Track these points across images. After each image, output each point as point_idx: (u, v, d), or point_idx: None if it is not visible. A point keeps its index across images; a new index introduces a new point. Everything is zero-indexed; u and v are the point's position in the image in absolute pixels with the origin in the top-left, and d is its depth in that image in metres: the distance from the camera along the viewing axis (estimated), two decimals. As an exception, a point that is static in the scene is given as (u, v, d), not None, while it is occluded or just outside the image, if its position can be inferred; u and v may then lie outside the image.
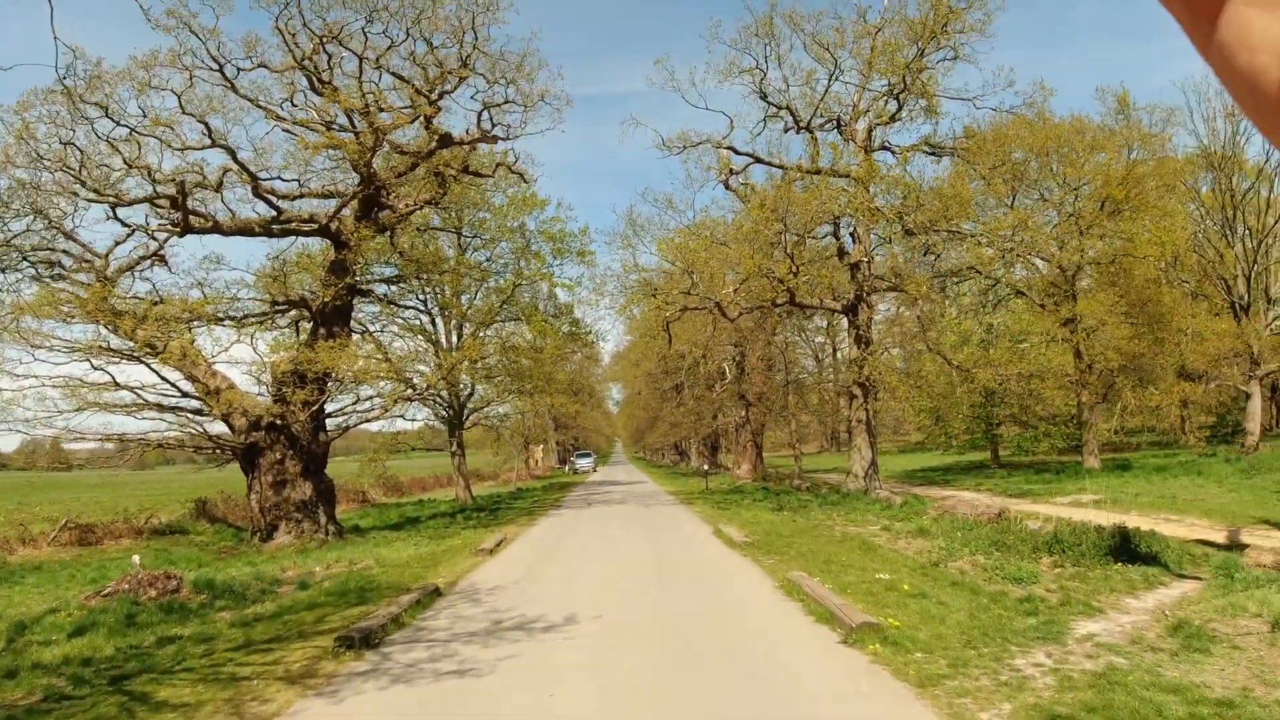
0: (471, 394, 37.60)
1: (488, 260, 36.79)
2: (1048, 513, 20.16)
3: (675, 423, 66.47)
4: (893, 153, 28.82)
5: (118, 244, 23.22)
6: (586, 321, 38.45)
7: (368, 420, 22.39)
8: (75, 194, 19.79)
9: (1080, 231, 31.89)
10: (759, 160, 28.13)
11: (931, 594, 10.02)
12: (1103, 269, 36.08)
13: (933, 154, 29.03)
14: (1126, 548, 13.20)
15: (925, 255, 32.94)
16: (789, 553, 14.18)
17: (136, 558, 14.20)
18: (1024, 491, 28.38)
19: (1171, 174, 34.44)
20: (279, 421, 21.57)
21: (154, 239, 23.61)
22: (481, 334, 36.33)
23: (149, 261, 24.03)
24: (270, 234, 21.90)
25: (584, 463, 76.40)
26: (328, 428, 22.73)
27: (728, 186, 27.66)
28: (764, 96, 26.98)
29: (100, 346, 20.67)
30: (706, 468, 39.86)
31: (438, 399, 35.61)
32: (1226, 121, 38.74)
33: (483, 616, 10.06)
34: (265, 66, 21.38)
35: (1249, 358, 36.12)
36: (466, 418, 37.55)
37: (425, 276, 24.24)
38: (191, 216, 20.71)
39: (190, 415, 22.16)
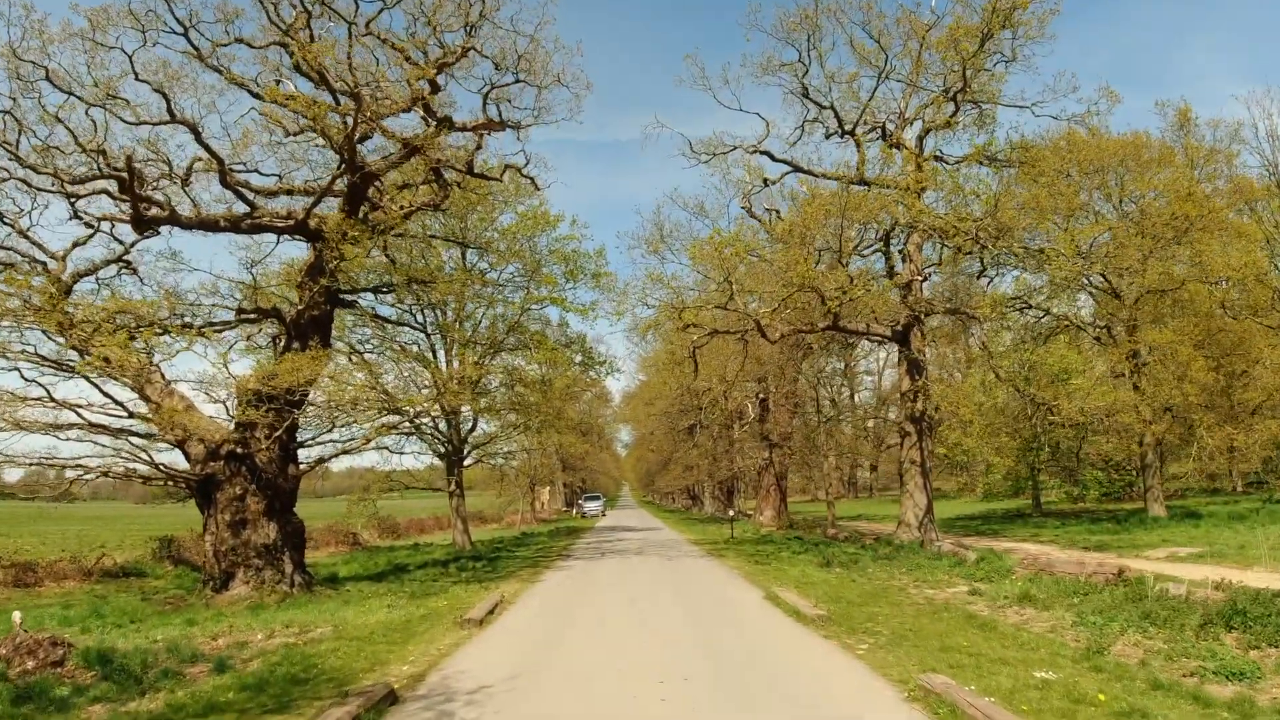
0: (473, 428, 34.23)
1: (496, 283, 33.74)
2: (1153, 570, 16.57)
3: (690, 465, 62.95)
4: (945, 163, 25.72)
5: (76, 245, 20.29)
6: (600, 351, 35.05)
7: (347, 451, 19.04)
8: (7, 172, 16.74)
9: (1147, 253, 28.59)
10: (796, 168, 25.03)
11: (1147, 710, 6.56)
12: (1162, 298, 32.69)
13: (989, 164, 25.90)
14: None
15: (979, 277, 29.71)
16: (879, 631, 10.65)
17: (17, 615, 10.80)
18: (1098, 545, 24.71)
19: (1246, 193, 31.42)
20: (239, 450, 18.25)
21: (118, 241, 20.66)
22: (486, 360, 33.09)
23: (116, 269, 21.03)
24: (238, 230, 18.81)
25: (592, 506, 72.59)
26: (299, 460, 19.37)
27: (750, 213, 24.49)
28: (805, 94, 23.97)
29: (34, 355, 17.44)
30: (733, 514, 36.25)
31: (435, 434, 32.25)
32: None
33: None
34: (243, 42, 18.44)
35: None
36: (467, 455, 34.13)
37: (418, 290, 20.98)
38: (145, 205, 17.63)
39: (137, 440, 18.81)
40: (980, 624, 11.00)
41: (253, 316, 19.65)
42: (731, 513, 36.01)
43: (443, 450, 32.70)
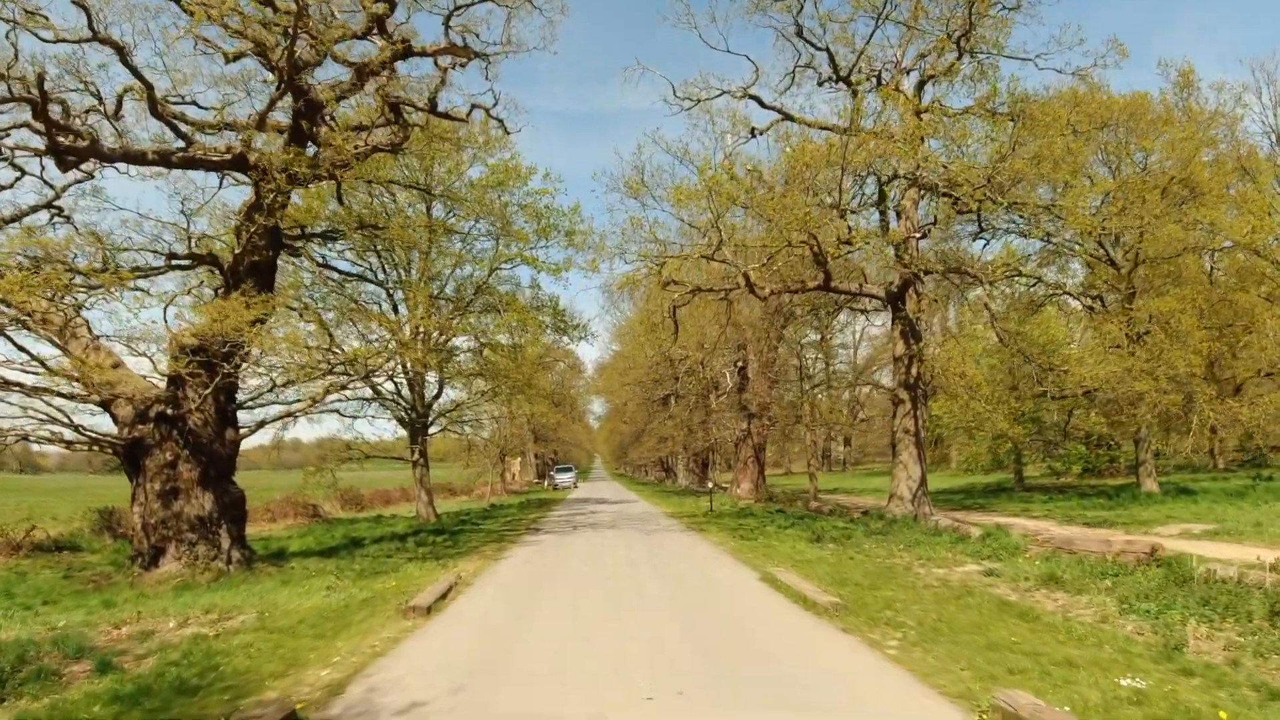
0: (439, 395, 32.32)
1: (463, 235, 31.72)
2: (1179, 549, 15.21)
3: (664, 436, 61.40)
4: (946, 116, 24.01)
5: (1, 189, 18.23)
6: (573, 314, 33.18)
7: (292, 414, 17.11)
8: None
9: (1152, 215, 27.13)
10: (787, 116, 23.21)
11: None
12: (1156, 268, 31.38)
13: (990, 119, 24.23)
14: None
15: (976, 239, 28.22)
16: (904, 623, 8.99)
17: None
18: (1098, 520, 23.45)
19: (1251, 161, 30.13)
20: (170, 411, 16.32)
21: (50, 186, 18.52)
22: (453, 322, 31.14)
23: (49, 216, 18.89)
24: (169, 164, 16.70)
25: (565, 478, 70.89)
26: (239, 423, 17.46)
27: (731, 174, 22.59)
28: (799, 33, 22.11)
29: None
30: (711, 486, 34.70)
31: (398, 400, 30.34)
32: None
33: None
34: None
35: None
36: (432, 422, 32.25)
37: (370, 235, 18.88)
38: (62, 135, 15.51)
39: (60, 400, 16.80)
40: (1018, 613, 9.44)
41: (186, 263, 17.59)
42: (710, 485, 34.45)
43: (406, 418, 30.80)
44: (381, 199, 26.07)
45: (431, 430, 32.89)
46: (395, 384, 30.18)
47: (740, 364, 41.62)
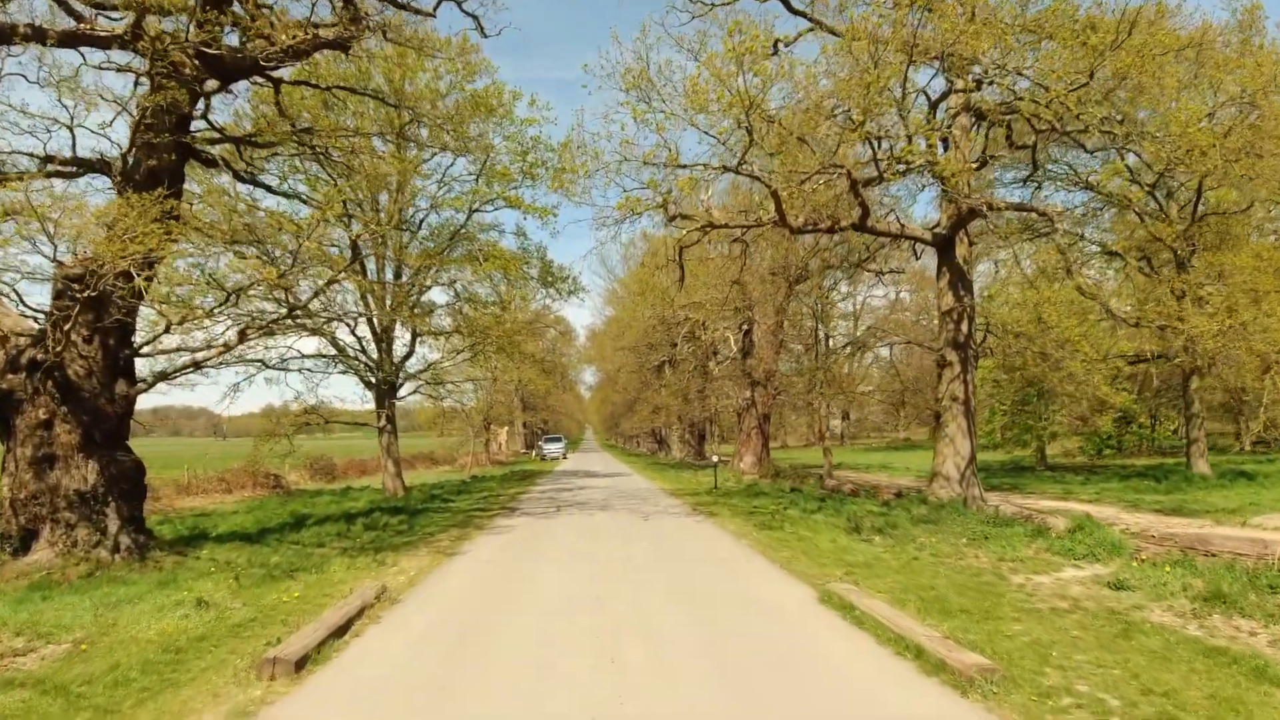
0: (410, 354, 28.70)
1: (439, 184, 27.97)
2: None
3: (659, 406, 57.97)
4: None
5: None
6: (561, 268, 29.49)
7: (200, 364, 13.46)
8: None
9: (1227, 160, 23.53)
10: (819, 24, 19.48)
11: None
12: (1204, 225, 27.88)
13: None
14: None
15: (1027, 182, 24.55)
16: (1105, 705, 5.51)
17: None
18: (1166, 506, 20.12)
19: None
20: (41, 357, 12.72)
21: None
22: (427, 271, 27.49)
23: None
24: (43, 41, 12.94)
25: (553, 448, 67.51)
26: (135, 375, 13.83)
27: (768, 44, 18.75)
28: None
29: None
30: (716, 460, 31.25)
31: (360, 358, 26.69)
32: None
33: None
34: None
35: None
36: (401, 384, 28.66)
37: (305, 145, 14.95)
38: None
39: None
40: (1251, 669, 6.00)
41: (71, 169, 13.87)
42: (714, 459, 31.02)
43: (371, 380, 27.20)
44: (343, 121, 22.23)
45: (401, 393, 29.32)
46: (359, 339, 26.57)
47: (745, 327, 38.04)
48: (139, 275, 11.79)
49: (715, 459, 30.85)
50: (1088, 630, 7.69)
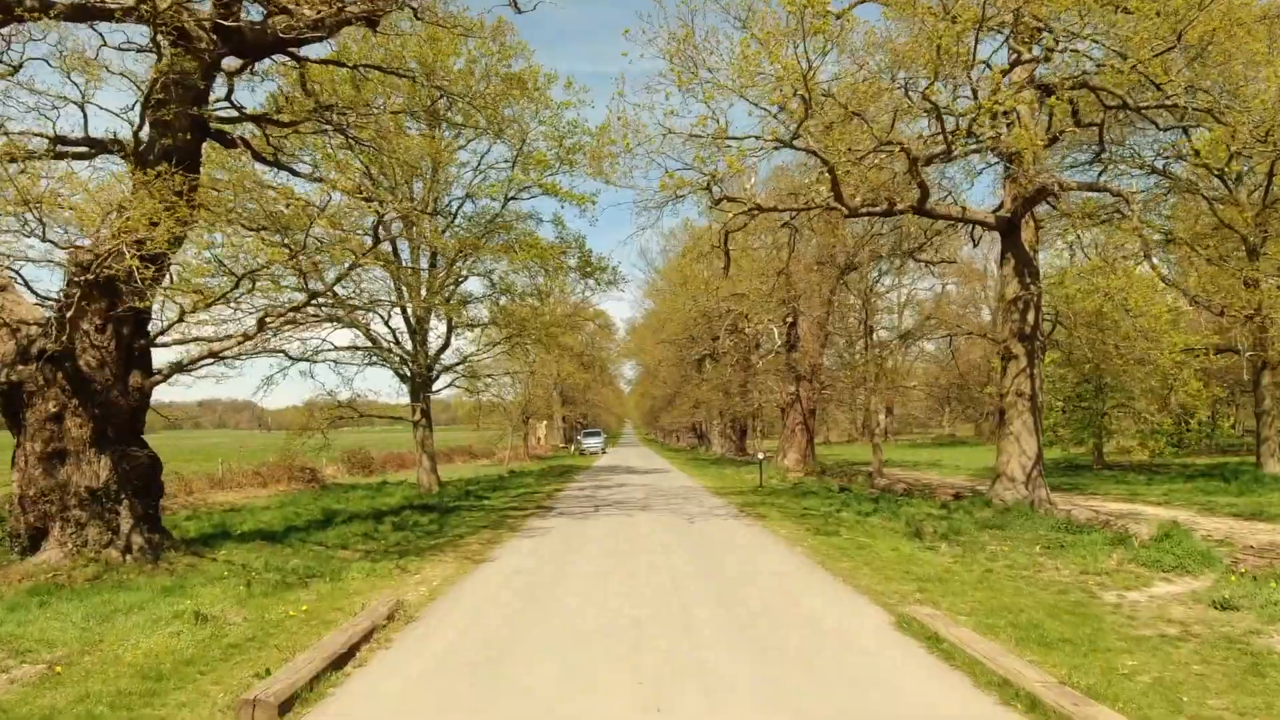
0: (446, 346, 28.01)
1: (475, 171, 27.19)
2: None
3: (700, 400, 56.91)
4: None
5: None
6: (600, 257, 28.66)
7: (217, 354, 12.73)
8: None
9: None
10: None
11: None
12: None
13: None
14: None
15: (1092, 164, 23.10)
16: None
17: None
18: (1242, 510, 18.58)
19: None
20: (51, 347, 12.05)
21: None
22: (464, 262, 26.76)
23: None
24: (48, 12, 12.26)
25: (592, 443, 66.80)
26: (151, 365, 13.16)
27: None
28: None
29: None
30: (763, 456, 30.15)
31: (395, 350, 26.01)
32: None
33: None
34: None
35: None
36: (436, 377, 27.98)
37: (330, 123, 14.11)
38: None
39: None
40: None
41: (83, 149, 13.23)
42: (760, 455, 29.90)
43: (406, 373, 26.53)
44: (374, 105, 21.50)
45: (437, 387, 28.65)
46: (393, 331, 25.89)
47: (790, 319, 36.80)
48: (135, 256, 11.05)
49: (761, 455, 29.74)
50: (1210, 664, 6.54)
